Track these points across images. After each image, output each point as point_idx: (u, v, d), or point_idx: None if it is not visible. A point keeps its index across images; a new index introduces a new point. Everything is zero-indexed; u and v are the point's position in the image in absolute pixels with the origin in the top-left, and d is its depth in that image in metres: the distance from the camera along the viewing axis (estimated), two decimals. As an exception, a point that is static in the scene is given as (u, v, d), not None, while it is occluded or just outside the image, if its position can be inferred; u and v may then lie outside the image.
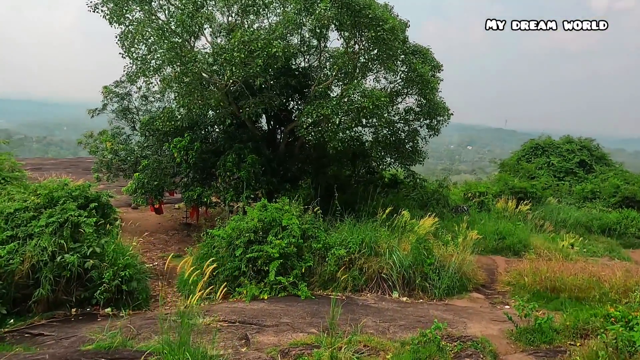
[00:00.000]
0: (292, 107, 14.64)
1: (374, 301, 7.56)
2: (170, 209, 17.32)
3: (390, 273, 8.33)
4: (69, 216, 7.79)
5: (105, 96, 13.23)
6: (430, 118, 15.00)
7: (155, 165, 12.01)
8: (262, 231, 8.29)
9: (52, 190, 8.56)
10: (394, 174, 17.71)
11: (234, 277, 7.97)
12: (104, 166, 13.60)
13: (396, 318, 6.22)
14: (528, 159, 25.81)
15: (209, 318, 5.70)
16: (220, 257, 8.23)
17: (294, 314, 6.12)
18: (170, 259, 11.56)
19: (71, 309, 7.33)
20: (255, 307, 6.56)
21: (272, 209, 8.60)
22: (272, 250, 7.78)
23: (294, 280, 7.85)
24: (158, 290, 9.16)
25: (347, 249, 8.64)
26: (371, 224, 9.83)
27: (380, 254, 8.79)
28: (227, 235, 8.27)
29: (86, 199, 9.33)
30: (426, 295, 8.23)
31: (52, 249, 7.27)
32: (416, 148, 15.78)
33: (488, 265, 10.97)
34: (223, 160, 11.92)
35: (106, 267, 7.46)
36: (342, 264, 8.50)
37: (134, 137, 14.11)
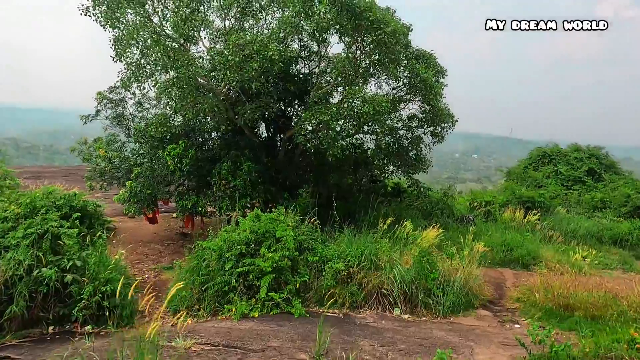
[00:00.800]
0: (292, 113, 14.22)
1: (374, 319, 7.03)
2: (167, 218, 16.88)
3: (391, 288, 7.79)
4: (49, 227, 7.34)
5: (99, 102, 12.87)
6: (434, 125, 14.53)
7: (148, 174, 11.58)
8: (255, 243, 7.80)
9: (34, 199, 8.14)
10: (397, 183, 17.20)
11: (223, 293, 7.47)
12: (97, 174, 13.19)
13: (396, 340, 5.68)
14: (535, 167, 25.21)
15: (189, 340, 5.20)
16: (210, 271, 7.74)
17: (283, 336, 5.60)
18: (162, 271, 11.16)
19: (48, 327, 6.85)
20: (243, 327, 6.05)
21: (265, 220, 8.12)
22: (264, 264, 7.28)
23: (287, 296, 7.33)
24: (144, 305, 8.67)
25: (346, 262, 8.13)
26: (371, 235, 9.32)
27: (381, 268, 8.26)
28: (217, 247, 7.79)
29: (71, 208, 8.93)
30: (430, 313, 7.67)
31: (29, 262, 6.81)
32: (420, 156, 15.30)
33: (496, 279, 10.40)
34: (218, 168, 11.49)
35: (87, 282, 6.99)
36: (340, 278, 7.98)
37: (128, 145, 13.71)
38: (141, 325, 7.61)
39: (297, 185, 14.12)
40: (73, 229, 7.50)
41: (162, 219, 16.53)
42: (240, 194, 11.30)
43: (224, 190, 11.32)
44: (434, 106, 13.19)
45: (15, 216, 7.69)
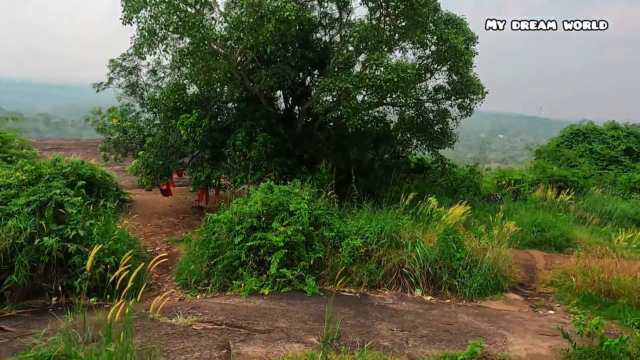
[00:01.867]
0: (311, 84, 13.52)
1: (393, 301, 6.48)
2: (184, 192, 16.62)
3: (413, 268, 7.21)
4: (52, 194, 7.00)
5: (112, 70, 12.44)
6: (462, 96, 13.60)
7: (161, 144, 11.17)
8: (267, 216, 7.30)
9: (39, 167, 7.81)
10: (420, 159, 16.40)
11: (233, 268, 7.04)
12: (111, 145, 12.90)
13: (418, 325, 5.13)
14: (568, 145, 23.86)
15: (190, 318, 4.76)
16: (220, 245, 7.30)
17: (294, 316, 5.12)
18: (174, 244, 10.86)
19: (51, 298, 6.57)
20: (251, 305, 5.59)
21: (279, 192, 7.59)
22: (276, 238, 6.78)
23: (300, 273, 6.84)
24: (155, 278, 8.37)
25: (364, 239, 7.57)
26: (392, 211, 8.71)
27: (402, 246, 7.67)
28: (227, 220, 7.33)
29: (79, 177, 8.59)
30: (454, 295, 7.07)
31: (30, 230, 6.50)
32: (446, 130, 14.45)
33: (525, 260, 9.69)
34: (233, 139, 10.98)
35: (89, 253, 6.63)
36: (357, 255, 7.44)
37: (143, 115, 13.33)
38: (148, 299, 7.29)
39: (315, 159, 13.53)
40: (77, 197, 7.13)
41: (179, 193, 16.29)
42: (255, 166, 10.79)
43: (239, 162, 10.83)
44: (463, 75, 12.26)
45: (19, 183, 7.38)
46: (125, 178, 16.48)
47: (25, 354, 3.69)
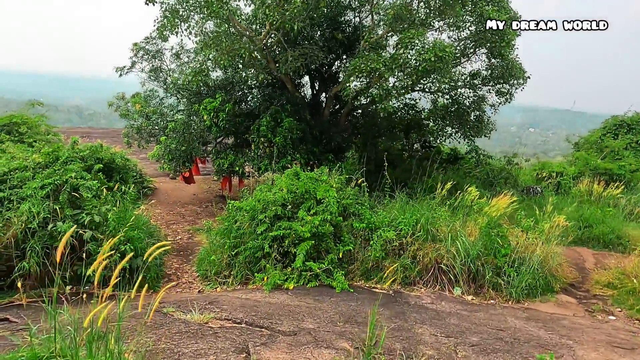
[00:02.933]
0: (339, 68, 12.86)
1: (431, 300, 5.83)
2: (208, 181, 16.32)
3: (452, 264, 6.53)
4: (68, 178, 6.63)
5: (135, 53, 12.09)
6: (502, 81, 12.65)
7: (183, 129, 10.76)
8: (292, 205, 6.75)
9: (56, 149, 7.48)
10: (453, 149, 15.53)
11: (255, 259, 6.53)
12: (134, 131, 12.60)
13: (464, 330, 4.48)
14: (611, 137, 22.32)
15: (207, 314, 4.26)
16: (242, 234, 6.80)
17: (322, 315, 4.55)
18: (196, 233, 10.47)
19: (66, 287, 6.22)
20: (274, 301, 5.06)
21: (305, 179, 7.01)
22: (302, 228, 6.22)
23: (328, 266, 6.27)
24: (175, 268, 7.97)
25: (397, 231, 6.93)
26: (427, 202, 8.02)
27: (439, 240, 7.00)
28: (250, 208, 6.81)
29: (98, 160, 8.24)
30: (499, 295, 6.36)
31: (44, 215, 6.15)
32: (482, 118, 13.55)
33: (573, 259, 8.85)
34: (257, 125, 10.46)
35: (104, 240, 6.25)
36: (390, 249, 6.81)
37: (167, 100, 12.97)
38: (166, 290, 6.88)
39: (342, 147, 12.93)
40: (94, 181, 6.75)
41: (203, 182, 15.98)
42: (280, 153, 10.26)
43: (263, 148, 10.32)
44: (504, 57, 11.33)
45: (35, 165, 7.06)
46: (149, 166, 16.30)
47: (17, 352, 3.25)
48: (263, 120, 10.22)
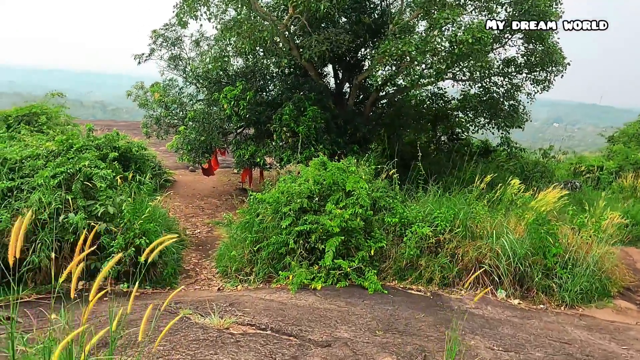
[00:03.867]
0: (364, 54, 12.23)
1: (475, 304, 5.22)
2: (228, 174, 15.94)
3: (496, 263, 5.89)
4: (81, 166, 6.24)
5: (154, 41, 11.72)
6: (539, 68, 11.80)
7: (203, 118, 10.33)
8: (319, 197, 6.20)
9: (70, 136, 7.12)
10: (484, 141, 14.72)
11: (279, 256, 6.02)
12: (153, 121, 12.26)
13: (523, 342, 3.88)
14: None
15: (228, 318, 3.76)
16: (264, 228, 6.30)
17: (357, 321, 4.01)
18: (216, 227, 10.06)
19: (78, 282, 5.83)
20: (301, 303, 4.54)
21: (333, 169, 6.45)
22: (330, 223, 5.67)
23: (359, 265, 5.71)
24: (194, 264, 7.55)
25: (433, 227, 6.32)
26: (463, 196, 7.39)
27: (479, 237, 6.37)
28: (273, 200, 6.30)
29: (114, 149, 7.85)
30: (551, 300, 5.70)
31: (55, 205, 5.77)
32: (517, 108, 12.74)
33: (622, 259, 8.07)
34: (280, 113, 9.94)
35: (119, 233, 5.84)
36: (425, 246, 6.21)
37: (186, 89, 12.58)
38: (183, 287, 6.45)
39: (368, 139, 12.31)
40: (108, 170, 6.34)
41: (222, 174, 15.61)
42: (303, 143, 9.72)
43: (285, 138, 9.80)
44: (544, 40, 10.49)
45: (48, 154, 6.70)
46: (169, 158, 16.01)
47: None
48: (286, 109, 9.70)
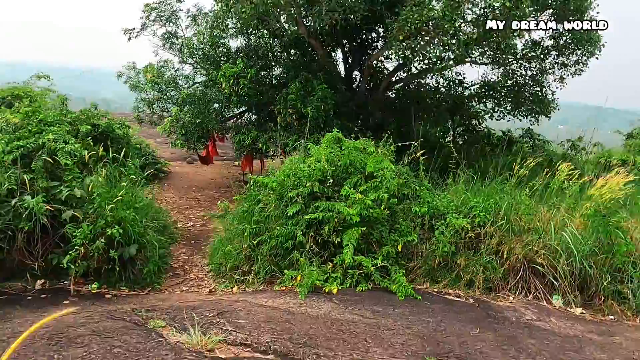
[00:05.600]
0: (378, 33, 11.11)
1: (535, 315, 4.10)
2: (227, 165, 14.85)
3: (553, 264, 4.76)
4: (45, 141, 5.16)
5: (147, 15, 10.62)
6: (571, 50, 10.64)
7: (198, 99, 9.23)
8: (334, 179, 5.09)
9: (38, 108, 6.03)
10: (505, 132, 13.58)
11: (284, 251, 4.91)
12: (145, 104, 11.17)
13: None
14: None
15: (214, 335, 2.65)
16: (266, 218, 5.19)
17: (393, 339, 2.90)
18: (211, 220, 8.95)
19: (36, 281, 4.74)
20: (315, 313, 3.42)
21: (350, 148, 5.33)
22: (348, 210, 4.55)
23: (383, 262, 4.59)
24: (183, 260, 6.44)
25: (470, 219, 5.20)
26: (500, 184, 6.27)
27: (525, 231, 5.24)
28: (277, 183, 5.19)
29: (95, 127, 6.76)
30: (625, 310, 4.56)
31: (10, 185, 4.68)
32: (543, 96, 11.60)
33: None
34: (285, 93, 8.84)
35: (86, 221, 4.74)
36: (462, 242, 5.09)
37: (182, 71, 11.49)
38: (169, 287, 5.35)
39: (381, 126, 11.18)
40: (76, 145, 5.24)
41: (222, 166, 14.53)
42: (311, 127, 8.62)
43: (291, 121, 8.70)
44: (582, 13, 9.31)
45: (12, 128, 5.61)
46: (167, 149, 14.95)
47: None
48: (292, 87, 8.59)
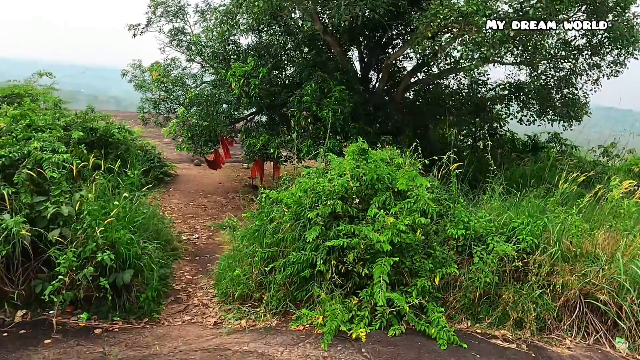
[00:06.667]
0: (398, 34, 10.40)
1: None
2: (236, 168, 14.22)
3: (618, 301, 4.04)
4: (31, 149, 4.54)
5: (153, 10, 10.01)
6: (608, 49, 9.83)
7: (206, 99, 8.60)
8: (359, 197, 4.40)
9: (27, 110, 5.43)
10: (531, 136, 12.79)
11: (301, 280, 4.25)
12: (151, 105, 10.58)
13: None
14: None
15: None
16: (280, 240, 4.53)
17: None
18: (218, 231, 8.32)
19: (16, 312, 4.13)
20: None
21: (376, 159, 4.63)
22: (377, 236, 3.87)
23: (418, 299, 3.90)
24: (186, 281, 5.80)
25: (514, 243, 4.50)
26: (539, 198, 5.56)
27: (576, 258, 4.52)
28: (293, 200, 4.52)
29: (92, 132, 6.15)
30: None
31: (-14, 202, 4.07)
32: (573, 99, 10.79)
33: None
34: (299, 95, 8.18)
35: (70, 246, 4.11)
36: (506, 271, 4.38)
37: (190, 70, 10.87)
38: (168, 316, 4.71)
39: (400, 129, 10.49)
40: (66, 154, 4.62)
41: (230, 169, 13.91)
42: (327, 131, 7.96)
43: (306, 125, 8.03)
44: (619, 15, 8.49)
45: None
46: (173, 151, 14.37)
47: None
48: (307, 88, 7.92)
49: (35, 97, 10.98)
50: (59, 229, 4.23)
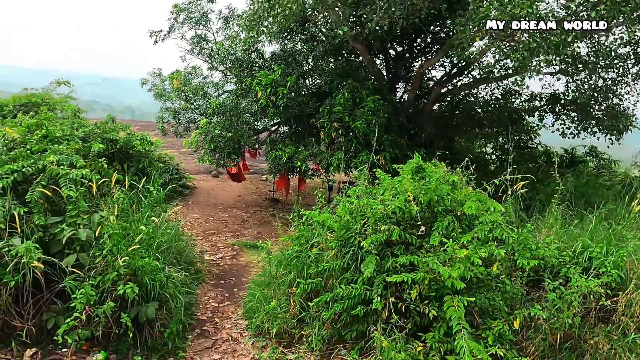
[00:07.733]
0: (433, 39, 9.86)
1: None
2: (255, 180, 13.72)
3: None
4: (47, 164, 4.05)
5: (175, 17, 9.63)
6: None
7: (230, 109, 8.12)
8: (420, 221, 3.81)
9: (43, 120, 4.96)
10: (568, 150, 12.09)
11: (352, 319, 3.65)
12: (171, 115, 10.16)
13: None
14: None
15: None
16: (324, 272, 3.95)
17: None
18: (243, 250, 7.75)
19: (25, 349, 3.60)
20: None
21: (436, 177, 4.04)
22: (447, 270, 3.26)
23: (494, 345, 3.28)
24: (212, 309, 5.23)
25: (594, 276, 3.85)
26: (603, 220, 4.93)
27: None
28: (339, 225, 3.95)
29: (112, 143, 5.67)
30: None
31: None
32: (615, 110, 10.11)
33: None
34: (329, 104, 7.65)
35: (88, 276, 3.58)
36: (591, 310, 3.74)
37: (212, 78, 10.45)
38: (195, 356, 4.13)
39: (433, 142, 9.88)
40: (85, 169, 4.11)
41: (249, 181, 13.41)
42: (360, 144, 7.41)
43: (337, 137, 7.48)
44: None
45: (9, 144, 4.54)
46: (189, 160, 13.96)
47: None
48: (338, 98, 7.39)
49: (53, 106, 10.65)
50: (75, 255, 3.72)
